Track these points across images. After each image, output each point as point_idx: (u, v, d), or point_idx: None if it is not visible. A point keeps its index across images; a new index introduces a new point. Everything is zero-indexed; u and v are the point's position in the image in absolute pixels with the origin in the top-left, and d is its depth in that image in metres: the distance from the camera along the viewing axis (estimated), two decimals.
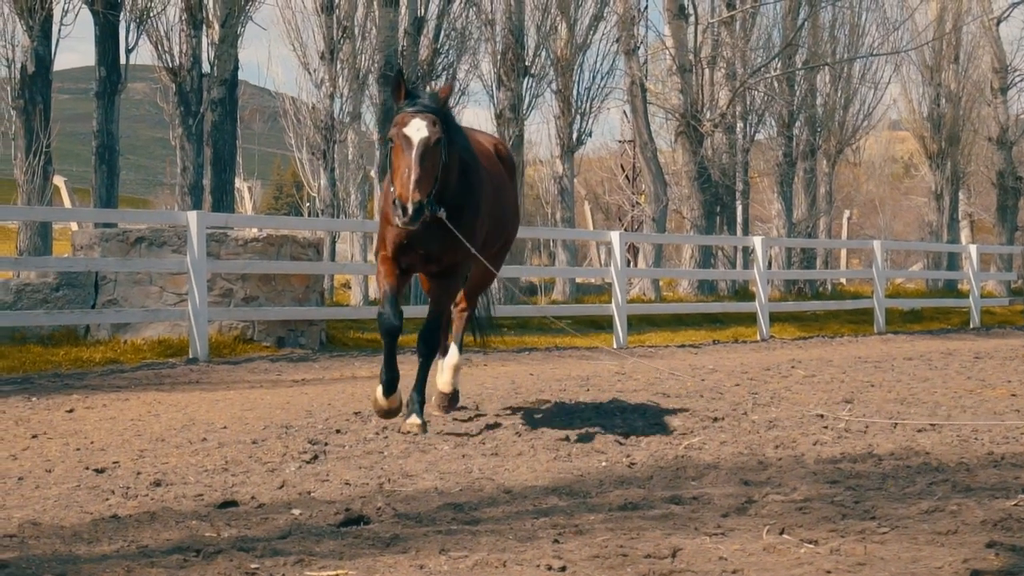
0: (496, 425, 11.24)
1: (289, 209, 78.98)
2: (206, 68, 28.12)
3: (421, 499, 7.50)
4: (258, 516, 7.04)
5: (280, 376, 16.97)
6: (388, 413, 10.93)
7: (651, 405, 12.74)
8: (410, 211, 9.73)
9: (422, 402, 11.03)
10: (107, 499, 7.78)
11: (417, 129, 10.02)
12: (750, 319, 28.56)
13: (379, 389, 10.96)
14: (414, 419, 10.83)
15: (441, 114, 10.30)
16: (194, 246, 18.54)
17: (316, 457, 9.42)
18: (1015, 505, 6.92)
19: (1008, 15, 52.03)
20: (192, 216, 18.84)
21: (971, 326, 33.52)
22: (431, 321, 11.15)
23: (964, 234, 51.29)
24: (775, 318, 29.59)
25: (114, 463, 9.23)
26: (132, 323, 19.38)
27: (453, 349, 12.28)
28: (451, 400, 12.20)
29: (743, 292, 35.81)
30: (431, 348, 11.15)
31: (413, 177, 9.82)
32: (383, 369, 10.98)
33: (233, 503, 7.49)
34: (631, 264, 41.41)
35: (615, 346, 24.13)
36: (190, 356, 18.51)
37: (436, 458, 9.38)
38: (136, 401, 13.66)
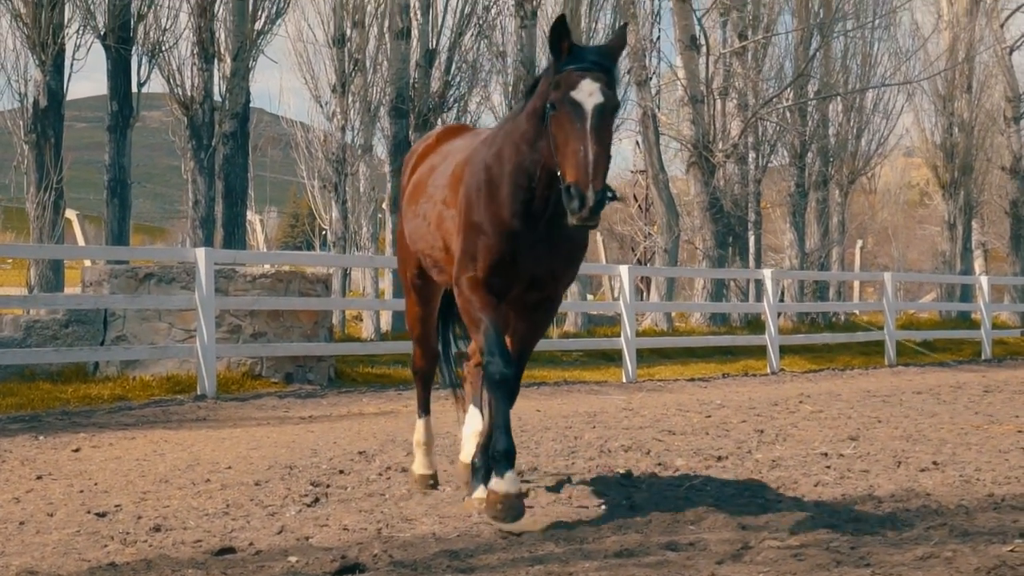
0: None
1: (305, 239, 79.01)
2: (218, 100, 28.23)
3: (418, 545, 7.51)
4: (254, 564, 7.06)
5: (288, 413, 17.00)
6: (511, 507, 8.11)
7: (656, 440, 12.75)
8: (591, 201, 7.52)
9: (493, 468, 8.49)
10: (106, 546, 7.80)
11: (590, 93, 7.87)
12: (761, 351, 28.54)
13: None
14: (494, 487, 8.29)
15: (614, 75, 8.18)
16: (202, 283, 18.60)
17: (317, 500, 9.43)
18: (1011, 551, 6.92)
19: (1021, 44, 52.03)
20: (200, 253, 18.89)
21: (983, 357, 33.46)
22: (516, 368, 8.66)
23: (978, 263, 51.19)
24: (786, 350, 29.55)
25: (116, 506, 9.25)
26: (141, 359, 19.43)
27: (476, 415, 9.71)
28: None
29: (756, 322, 35.77)
30: (512, 398, 8.58)
31: (592, 156, 7.63)
32: (499, 435, 8.37)
33: (231, 550, 7.51)
34: (643, 295, 41.40)
35: (624, 380, 24.14)
36: (198, 393, 18.55)
37: (437, 500, 9.39)
38: (143, 440, 13.70)
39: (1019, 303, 46.48)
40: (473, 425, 9.71)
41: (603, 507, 9.00)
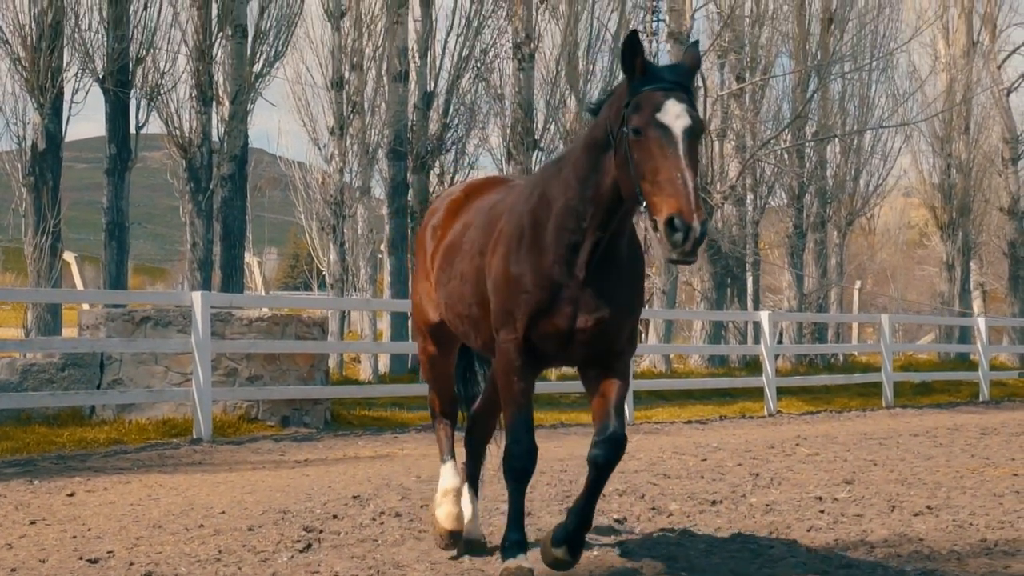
0: (494, 509, 11.19)
1: (304, 279, 79.12)
2: (216, 141, 28.31)
3: None
4: None
5: (283, 456, 16.98)
6: None
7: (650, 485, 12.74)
8: (697, 232, 6.85)
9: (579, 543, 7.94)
10: None
11: (677, 116, 7.15)
12: (759, 393, 28.52)
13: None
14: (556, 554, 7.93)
15: (694, 95, 7.50)
16: (198, 326, 18.62)
17: (310, 545, 9.41)
18: None
19: (1018, 86, 52.17)
20: (196, 297, 18.92)
21: (981, 399, 33.44)
22: (618, 424, 7.76)
23: (976, 304, 51.18)
24: (783, 392, 29.53)
25: (108, 552, 9.24)
26: (137, 403, 19.42)
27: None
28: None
29: (754, 363, 35.76)
30: (610, 460, 7.74)
31: (691, 183, 6.94)
32: (509, 527, 8.03)
33: None
34: (642, 336, 41.40)
35: None
36: (194, 436, 18.53)
37: (429, 546, 9.36)
38: (138, 484, 13.68)
39: (1018, 344, 46.48)
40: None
41: (595, 553, 8.98)
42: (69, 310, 36.04)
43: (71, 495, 12.70)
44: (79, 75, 26.58)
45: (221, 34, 28.40)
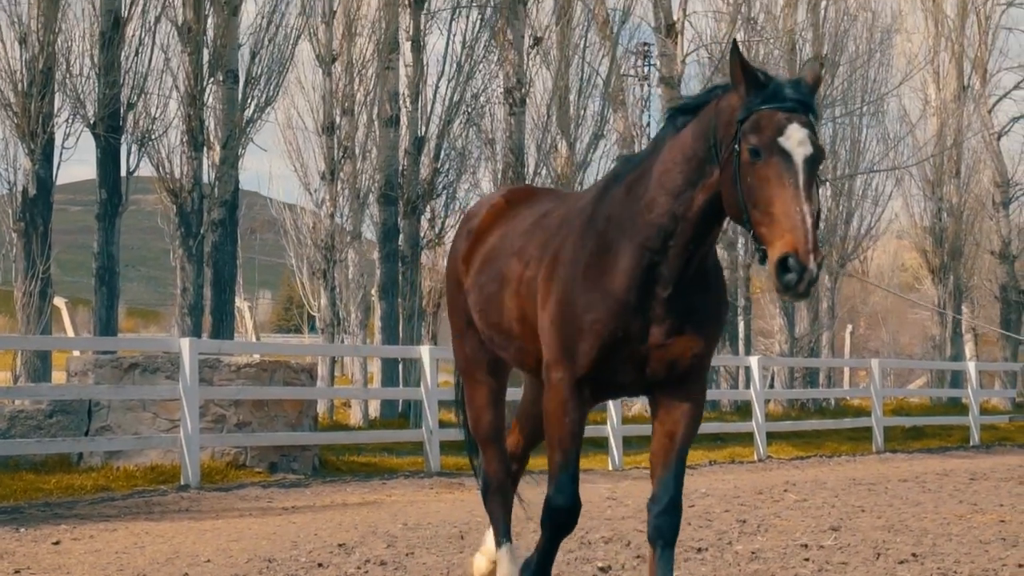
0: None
1: (298, 323, 79.13)
2: (207, 185, 28.34)
3: None
4: None
5: (271, 503, 16.96)
6: None
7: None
8: (813, 274, 6.33)
9: None
10: None
11: (800, 142, 6.58)
12: (749, 437, 28.53)
13: None
14: None
15: (817, 118, 6.85)
16: (186, 373, 18.62)
17: None
18: None
19: (1009, 130, 52.37)
20: (185, 343, 18.94)
21: (971, 443, 33.45)
22: (676, 485, 7.51)
23: (968, 348, 51.16)
24: (773, 436, 29.53)
25: None
26: (125, 449, 19.40)
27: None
28: None
29: (745, 408, 35.71)
30: (675, 532, 7.45)
31: (811, 221, 6.40)
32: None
33: None
34: None
35: (611, 467, 24.13)
36: (182, 483, 18.50)
37: None
38: (124, 531, 13.65)
39: (1009, 388, 46.44)
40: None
41: None
42: (59, 353, 36.04)
43: (57, 543, 12.66)
44: (70, 120, 26.59)
45: (212, 79, 28.48)
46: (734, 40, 6.93)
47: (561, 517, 7.54)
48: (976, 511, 15.15)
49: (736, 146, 6.67)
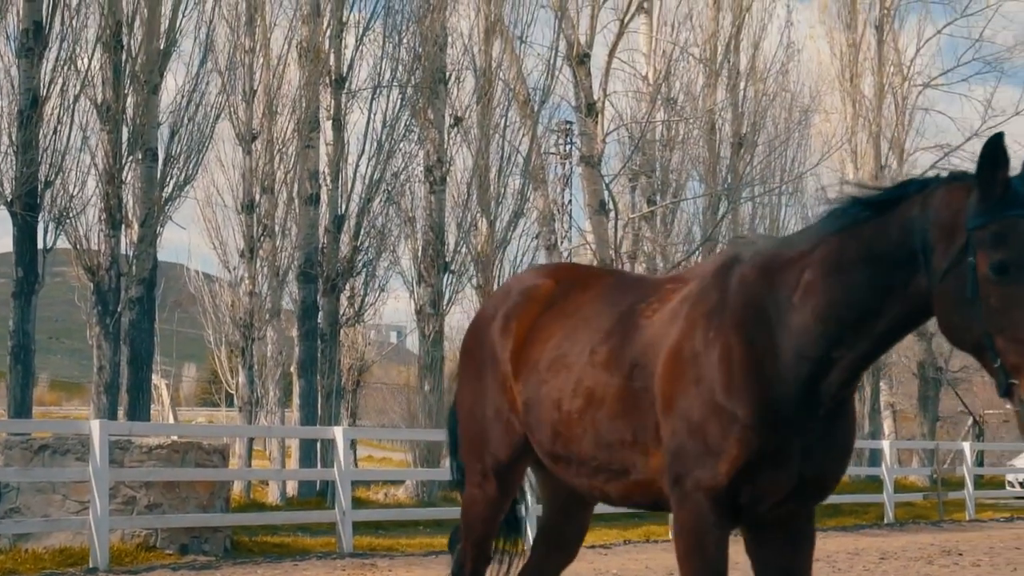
0: None
1: (223, 398, 78.76)
2: (127, 261, 28.32)
3: None
4: None
5: None
6: None
7: None
8: None
9: None
10: None
11: None
12: (664, 516, 28.57)
13: None
14: None
15: None
16: (96, 455, 18.56)
17: None
18: None
19: None
20: (95, 425, 18.91)
21: (885, 521, 33.70)
22: None
23: (886, 424, 51.63)
24: None
25: None
26: (34, 532, 19.30)
27: None
28: None
29: None
30: None
31: None
32: None
33: None
34: None
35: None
36: (90, 566, 18.37)
37: None
38: None
39: (927, 465, 46.85)
40: None
41: None
42: None
43: None
44: None
45: (131, 157, 28.53)
46: (997, 135, 5.73)
47: None
48: None
49: (970, 258, 5.69)
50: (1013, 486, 43.99)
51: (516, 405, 7.50)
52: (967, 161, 48.82)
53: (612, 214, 38.33)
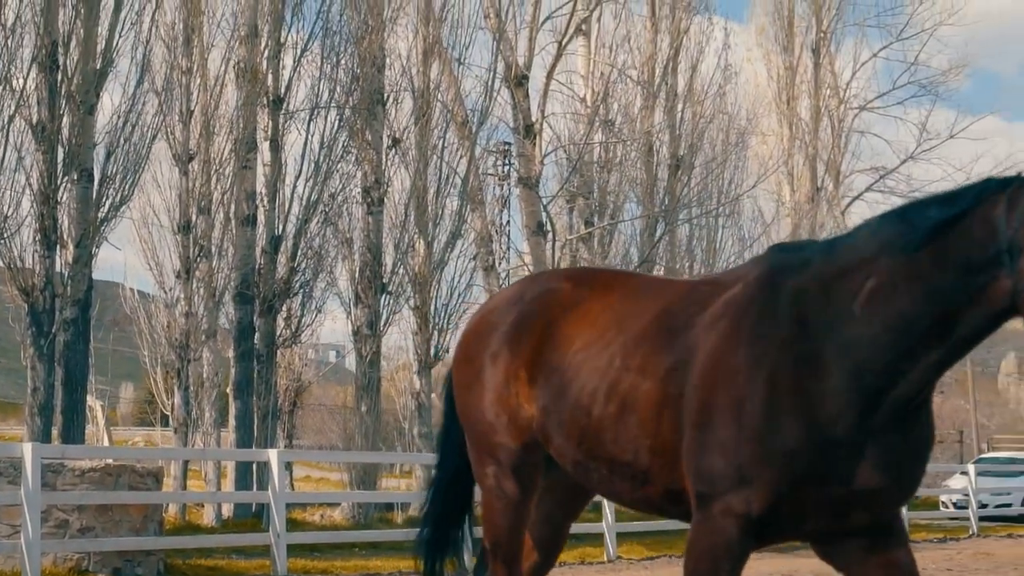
0: None
1: (159, 419, 78.37)
2: (61, 282, 28.17)
3: None
4: None
5: None
6: None
7: None
8: None
9: None
10: None
11: None
12: (599, 538, 28.63)
13: None
14: None
15: None
16: (28, 478, 18.44)
17: None
18: None
19: None
20: (27, 448, 18.77)
21: None
22: None
23: None
24: (625, 536, 29.64)
25: None
26: None
27: None
28: None
29: (596, 507, 35.85)
30: None
31: None
32: None
33: None
34: None
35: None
36: None
37: None
38: None
39: None
40: None
41: None
42: None
43: None
44: None
45: (67, 178, 28.39)
46: None
47: None
48: None
49: None
50: (947, 507, 44.35)
51: (528, 409, 7.25)
52: (902, 183, 49.61)
53: (550, 235, 38.39)
